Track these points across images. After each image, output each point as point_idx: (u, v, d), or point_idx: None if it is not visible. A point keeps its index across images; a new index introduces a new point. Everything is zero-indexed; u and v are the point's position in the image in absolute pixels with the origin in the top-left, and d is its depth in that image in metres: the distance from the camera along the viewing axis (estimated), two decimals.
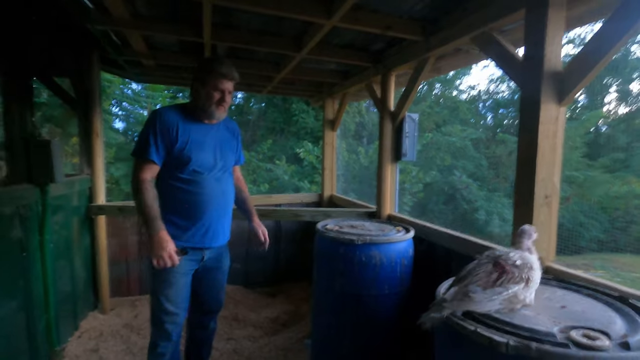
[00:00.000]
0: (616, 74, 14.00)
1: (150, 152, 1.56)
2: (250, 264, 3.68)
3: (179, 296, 1.65)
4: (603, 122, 13.69)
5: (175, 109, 1.65)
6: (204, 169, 1.64)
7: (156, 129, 1.57)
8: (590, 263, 9.37)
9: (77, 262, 2.66)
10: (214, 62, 1.61)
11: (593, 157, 11.72)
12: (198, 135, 1.64)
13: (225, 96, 1.62)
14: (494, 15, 1.58)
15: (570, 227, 10.56)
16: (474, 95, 14.77)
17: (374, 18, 1.97)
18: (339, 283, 1.96)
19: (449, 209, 10.67)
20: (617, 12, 1.17)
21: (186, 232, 1.62)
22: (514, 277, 1.04)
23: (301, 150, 8.02)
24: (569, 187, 10.89)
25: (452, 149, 10.68)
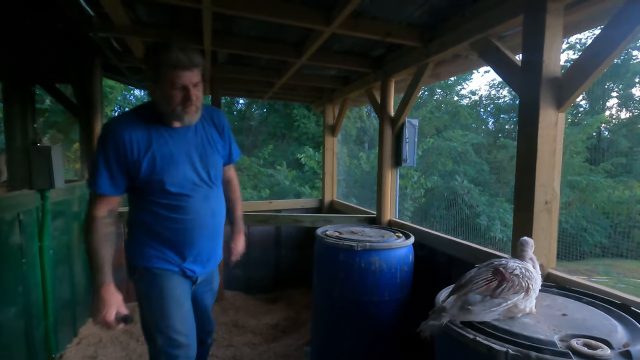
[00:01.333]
0: (617, 79, 14.01)
1: (100, 184, 1.22)
2: (250, 270, 3.67)
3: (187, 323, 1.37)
4: (605, 127, 13.67)
5: (133, 116, 1.28)
6: (186, 189, 1.31)
7: (107, 152, 1.21)
8: (594, 269, 9.30)
9: (77, 267, 2.65)
10: (161, 50, 1.19)
11: (595, 161, 11.68)
12: (168, 146, 1.28)
13: (190, 92, 1.22)
14: (493, 21, 1.59)
15: (573, 232, 10.51)
16: (475, 101, 14.80)
17: (374, 25, 1.98)
18: (338, 289, 1.95)
19: (451, 214, 10.63)
20: (615, 19, 1.17)
21: (174, 260, 1.35)
22: (513, 285, 1.03)
23: (302, 155, 8.03)
24: (572, 192, 10.85)
25: (453, 154, 10.67)
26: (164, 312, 1.31)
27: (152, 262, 1.33)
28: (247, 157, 9.44)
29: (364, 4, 1.76)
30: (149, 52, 1.27)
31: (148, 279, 1.33)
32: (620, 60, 13.77)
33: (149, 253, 1.33)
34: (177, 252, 1.35)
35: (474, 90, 19.33)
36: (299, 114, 10.74)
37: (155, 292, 1.33)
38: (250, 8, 1.76)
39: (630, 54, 14.09)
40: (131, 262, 1.36)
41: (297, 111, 10.74)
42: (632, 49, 14.09)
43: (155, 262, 1.33)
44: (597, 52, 1.22)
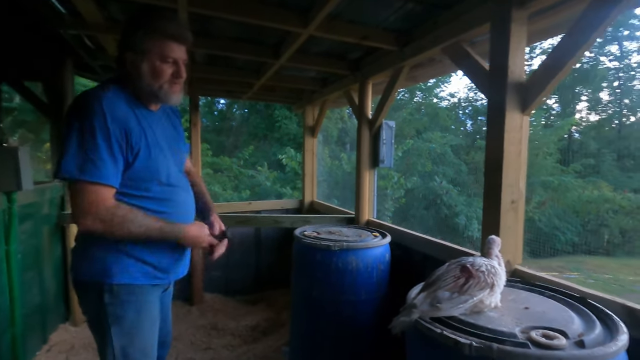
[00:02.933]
0: (587, 83, 14.66)
1: (105, 171, 1.01)
2: (230, 272, 3.64)
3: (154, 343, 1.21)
4: (575, 129, 14.28)
5: (119, 92, 1.09)
6: (175, 179, 1.19)
7: (109, 130, 1.01)
8: (566, 265, 9.70)
9: (47, 272, 2.56)
10: (154, 16, 1.07)
11: (566, 162, 12.18)
12: (152, 131, 1.14)
13: (181, 68, 1.11)
14: (462, 28, 1.65)
15: (546, 230, 10.92)
16: (454, 103, 15.18)
17: (350, 28, 2.02)
18: (316, 289, 1.97)
19: (431, 214, 10.86)
20: (573, 27, 1.24)
21: (161, 270, 1.18)
22: (479, 282, 1.07)
23: (284, 156, 8.02)
24: (545, 192, 11.28)
25: (432, 155, 10.90)
26: (137, 338, 1.14)
27: (133, 278, 1.12)
28: (228, 158, 9.35)
29: (340, 7, 1.79)
30: (138, 16, 1.10)
31: (125, 299, 1.11)
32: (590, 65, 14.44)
33: (128, 265, 1.11)
34: (164, 255, 1.18)
35: (453, 92, 19.84)
36: (280, 114, 10.72)
37: (131, 314, 1.12)
38: (227, 9, 1.76)
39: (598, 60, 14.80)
40: (95, 278, 1.09)
41: (279, 112, 10.72)
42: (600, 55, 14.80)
43: (138, 277, 1.13)
44: (557, 59, 1.29)
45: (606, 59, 15.07)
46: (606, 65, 14.91)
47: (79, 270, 1.13)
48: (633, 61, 15.08)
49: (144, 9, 1.13)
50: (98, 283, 1.10)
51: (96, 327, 1.15)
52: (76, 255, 1.16)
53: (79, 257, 1.14)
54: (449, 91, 19.04)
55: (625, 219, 10.63)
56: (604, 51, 15.06)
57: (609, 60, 15.08)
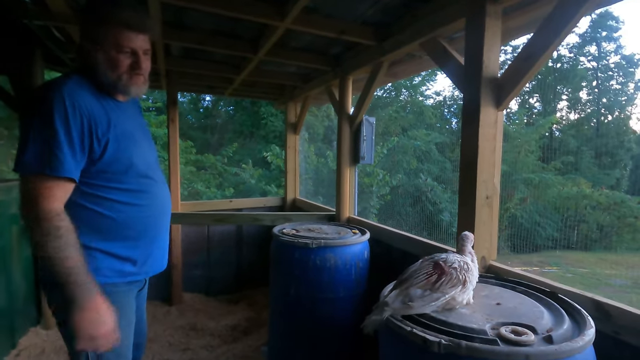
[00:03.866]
0: (567, 83, 15.03)
1: (65, 163, 0.95)
2: (211, 271, 3.58)
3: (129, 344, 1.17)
4: (556, 128, 14.63)
5: (82, 82, 1.04)
6: (151, 170, 1.16)
7: (69, 122, 0.96)
8: (546, 260, 9.95)
9: (16, 274, 2.46)
10: (109, 3, 1.03)
11: (547, 160, 12.47)
12: (121, 121, 1.09)
13: (140, 59, 1.06)
14: (439, 23, 1.63)
15: (528, 226, 11.17)
16: (440, 101, 15.34)
17: (328, 22, 1.98)
18: (294, 287, 1.94)
19: (416, 211, 10.96)
20: (543, 25, 1.24)
21: (136, 265, 1.13)
22: (451, 279, 1.06)
23: (269, 154, 7.95)
24: (526, 189, 11.54)
25: (417, 153, 11.00)
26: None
27: (106, 277, 1.07)
28: (212, 156, 9.21)
29: (317, 0, 1.76)
30: (90, 6, 1.06)
31: None
32: (569, 65, 14.81)
33: (100, 263, 1.06)
34: (139, 251, 1.13)
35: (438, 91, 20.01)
36: (266, 111, 10.62)
37: None
38: (200, 0, 1.70)
39: (577, 60, 15.19)
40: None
41: (265, 109, 10.62)
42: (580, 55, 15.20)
43: (110, 275, 1.08)
44: (529, 55, 1.29)
45: (585, 59, 15.50)
46: (585, 65, 15.33)
47: (47, 270, 1.04)
48: (611, 61, 15.54)
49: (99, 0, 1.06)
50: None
51: (67, 330, 1.08)
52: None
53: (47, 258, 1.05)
54: (435, 89, 19.21)
55: (602, 215, 10.96)
56: (583, 52, 15.47)
57: (587, 61, 15.51)
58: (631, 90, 15.55)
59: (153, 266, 1.21)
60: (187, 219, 2.74)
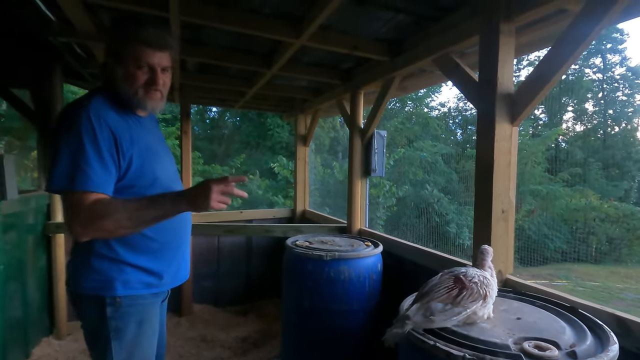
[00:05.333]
0: (572, 94, 15.03)
1: (95, 179, 0.98)
2: (220, 282, 3.58)
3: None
4: (562, 139, 14.58)
5: (105, 100, 1.08)
6: (173, 183, 1.19)
7: (97, 138, 0.99)
8: (555, 273, 9.80)
9: (31, 284, 2.49)
10: (131, 21, 1.07)
11: (554, 171, 12.40)
12: (144, 136, 1.14)
13: (157, 75, 1.08)
14: (452, 40, 1.67)
15: (536, 238, 11.05)
16: (445, 112, 15.40)
17: (342, 38, 2.04)
18: (307, 299, 1.94)
19: (422, 222, 10.91)
20: (559, 40, 1.27)
21: (162, 277, 1.15)
22: (472, 293, 1.07)
23: (276, 164, 8.01)
24: (534, 200, 11.45)
25: (423, 164, 11.00)
26: (137, 351, 1.11)
27: (135, 289, 1.09)
28: (220, 166, 9.29)
29: (332, 18, 1.81)
30: (115, 24, 1.11)
31: (127, 311, 1.08)
32: (575, 77, 14.83)
33: (129, 276, 1.09)
34: (164, 262, 1.16)
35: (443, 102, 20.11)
36: (272, 123, 10.73)
37: (132, 327, 1.09)
38: (219, 19, 1.76)
39: (583, 71, 15.22)
40: (96, 292, 1.07)
41: (271, 120, 10.74)
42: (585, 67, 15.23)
43: (139, 287, 1.10)
44: (544, 71, 1.32)
45: (590, 70, 15.52)
46: (591, 77, 15.35)
47: (78, 284, 1.09)
48: (616, 73, 15.55)
49: (121, 18, 1.13)
50: (99, 297, 1.07)
51: (94, 341, 1.12)
52: (75, 268, 1.12)
53: (78, 270, 1.10)
54: (440, 101, 19.35)
55: (612, 227, 10.83)
56: (588, 63, 15.51)
57: (593, 72, 15.53)
58: (638, 101, 15.51)
59: (177, 277, 1.24)
60: (198, 229, 2.77)
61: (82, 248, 1.10)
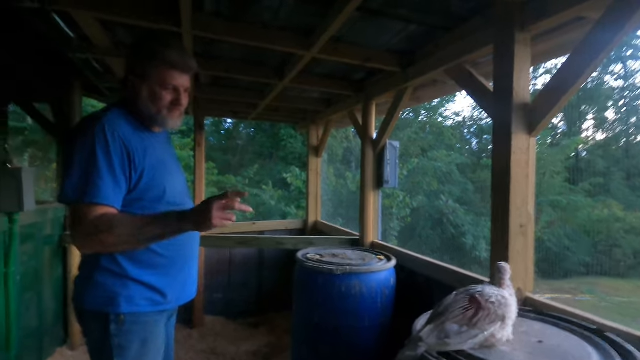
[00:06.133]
0: (592, 102, 14.65)
1: (104, 191, 0.99)
2: (231, 293, 3.57)
3: None
4: (582, 148, 14.17)
5: (121, 114, 1.11)
6: (182, 198, 1.20)
7: (110, 151, 1.00)
8: (578, 287, 9.40)
9: (47, 294, 2.53)
10: (158, 43, 1.10)
11: (574, 181, 12.01)
12: (157, 151, 1.15)
13: (181, 96, 1.13)
14: (465, 50, 1.64)
15: (557, 251, 10.67)
16: (459, 122, 15.19)
17: (353, 50, 2.03)
18: (317, 314, 1.90)
19: (437, 234, 10.69)
20: (578, 49, 1.22)
21: (167, 294, 1.13)
22: (490, 314, 1.02)
23: (288, 175, 8.02)
24: (553, 212, 11.09)
25: (438, 174, 10.84)
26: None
27: (139, 306, 1.08)
28: (233, 177, 9.37)
29: (343, 30, 1.80)
30: (142, 43, 1.14)
31: (131, 329, 1.07)
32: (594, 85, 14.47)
33: (134, 292, 1.07)
34: (170, 279, 1.14)
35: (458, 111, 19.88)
36: (286, 133, 10.80)
37: (136, 345, 1.08)
38: (231, 33, 1.78)
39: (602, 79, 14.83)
40: (100, 308, 1.06)
41: (285, 131, 10.81)
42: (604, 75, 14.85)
43: (143, 304, 1.09)
44: (562, 81, 1.27)
45: (611, 78, 15.11)
46: (610, 84, 14.94)
47: (83, 299, 1.08)
48: (637, 81, 15.08)
49: (151, 35, 1.17)
50: (103, 313, 1.06)
51: (97, 359, 1.11)
52: (80, 283, 1.11)
53: (83, 285, 1.10)
54: (454, 110, 19.09)
55: (638, 239, 10.36)
56: (607, 71, 15.11)
57: (613, 80, 15.11)
58: None
59: (183, 294, 1.22)
60: (210, 241, 2.77)
61: (88, 262, 1.10)
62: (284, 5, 1.63)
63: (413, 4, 1.58)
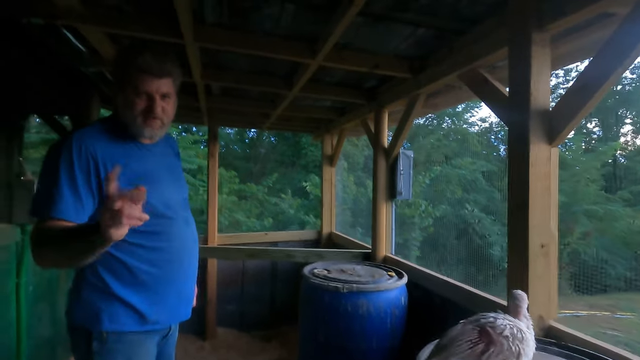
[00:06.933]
0: (630, 106, 13.80)
1: (61, 206, 0.95)
2: (244, 305, 3.52)
3: None
4: (620, 154, 13.32)
5: (98, 128, 1.09)
6: (170, 210, 1.14)
7: (73, 167, 0.98)
8: (616, 304, 8.73)
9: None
10: (131, 50, 1.07)
11: (611, 190, 11.29)
12: (143, 162, 1.12)
13: (155, 103, 1.06)
14: (478, 53, 1.53)
15: (593, 264, 9.99)
16: (486, 128, 14.69)
17: (361, 57, 1.95)
18: (323, 333, 1.80)
19: (462, 244, 10.27)
20: (602, 51, 1.09)
21: (152, 312, 1.08)
22: (502, 351, 0.89)
23: (308, 184, 7.97)
24: (589, 222, 10.42)
25: (462, 182, 10.47)
26: None
27: (122, 324, 1.05)
28: (254, 185, 9.43)
29: (348, 36, 1.73)
30: (119, 53, 1.13)
31: (114, 347, 1.04)
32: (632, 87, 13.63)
33: (116, 310, 1.04)
34: (157, 297, 1.09)
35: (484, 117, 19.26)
36: (307, 141, 10.81)
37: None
38: (233, 43, 1.75)
39: None
40: (84, 324, 1.04)
41: (305, 139, 10.82)
42: None
43: (127, 323, 1.05)
44: (587, 84, 1.13)
45: None
46: None
47: (72, 314, 1.07)
48: None
49: (124, 48, 1.13)
50: (87, 330, 1.04)
51: None
52: (70, 298, 1.10)
53: (72, 300, 1.08)
54: (480, 116, 18.48)
55: None
56: None
57: None
58: None
59: (175, 314, 1.17)
60: (220, 253, 2.74)
61: (77, 275, 1.08)
62: (284, 12, 1.58)
63: (419, 7, 1.48)
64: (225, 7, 1.56)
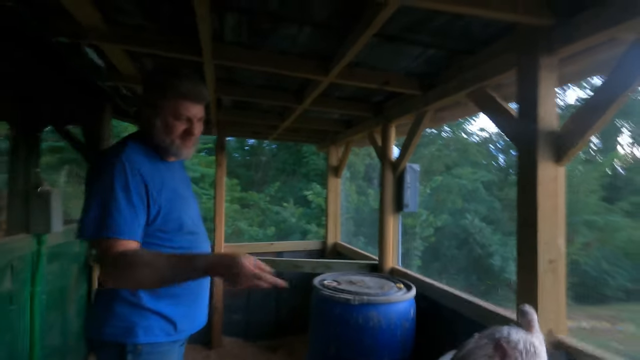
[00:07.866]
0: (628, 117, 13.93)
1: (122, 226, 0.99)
2: (250, 315, 3.53)
3: None
4: (620, 165, 13.41)
5: (135, 146, 1.12)
6: (197, 227, 1.21)
7: (129, 186, 1.01)
8: (617, 315, 8.71)
9: (72, 312, 2.59)
10: (170, 75, 1.11)
11: (611, 200, 11.33)
12: (172, 181, 1.16)
13: (194, 126, 1.12)
14: (487, 74, 1.59)
15: (594, 274, 9.99)
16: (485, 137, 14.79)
17: (371, 74, 2.01)
18: (334, 346, 1.83)
19: (462, 254, 10.30)
20: (612, 72, 1.15)
21: (182, 322, 1.13)
22: None
23: (309, 192, 8.02)
24: (590, 232, 10.45)
25: (463, 192, 10.52)
26: None
27: (156, 336, 1.08)
28: (256, 193, 9.48)
29: (360, 55, 1.79)
30: (153, 75, 1.18)
31: (146, 359, 1.07)
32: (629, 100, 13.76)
33: (151, 322, 1.07)
34: (184, 309, 1.14)
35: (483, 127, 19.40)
36: (308, 150, 10.88)
37: None
38: (250, 61, 1.81)
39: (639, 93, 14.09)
40: (117, 339, 1.06)
41: (307, 148, 10.90)
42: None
43: (160, 334, 1.09)
44: (595, 105, 1.19)
45: None
46: None
47: (99, 330, 1.08)
48: None
49: (159, 70, 1.18)
50: (120, 344, 1.06)
51: None
52: (95, 313, 1.12)
53: (99, 315, 1.10)
54: (479, 126, 18.63)
55: None
56: None
57: None
58: None
59: (195, 323, 1.22)
60: None
61: (105, 293, 1.10)
62: (302, 33, 1.64)
63: (432, 29, 1.55)
64: (245, 28, 1.63)
